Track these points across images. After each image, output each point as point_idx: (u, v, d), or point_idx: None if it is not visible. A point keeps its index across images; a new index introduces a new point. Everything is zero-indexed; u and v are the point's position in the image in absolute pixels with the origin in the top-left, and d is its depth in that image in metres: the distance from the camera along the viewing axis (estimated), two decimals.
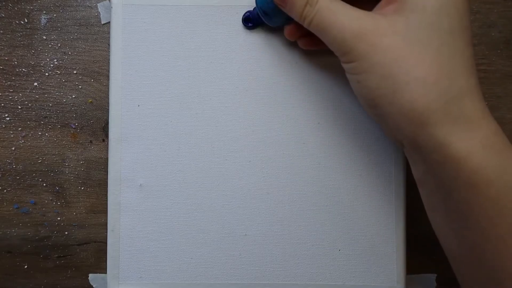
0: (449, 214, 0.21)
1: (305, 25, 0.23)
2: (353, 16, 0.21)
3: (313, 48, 0.28)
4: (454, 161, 0.19)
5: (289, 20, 0.27)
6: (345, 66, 0.22)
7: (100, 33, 0.32)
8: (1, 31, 0.32)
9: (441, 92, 0.19)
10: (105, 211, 0.31)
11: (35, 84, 0.31)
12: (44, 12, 0.32)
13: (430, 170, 0.21)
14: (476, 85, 0.20)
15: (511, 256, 0.19)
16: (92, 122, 0.32)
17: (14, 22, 0.32)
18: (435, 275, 0.32)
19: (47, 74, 0.31)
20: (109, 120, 0.30)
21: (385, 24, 0.20)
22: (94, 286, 0.32)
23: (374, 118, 0.23)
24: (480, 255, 0.20)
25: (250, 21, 0.30)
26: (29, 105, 0.31)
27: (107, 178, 0.31)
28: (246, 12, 0.30)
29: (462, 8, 0.20)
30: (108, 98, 0.31)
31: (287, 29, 0.28)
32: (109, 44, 0.31)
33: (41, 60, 0.32)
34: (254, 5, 0.29)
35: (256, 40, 0.30)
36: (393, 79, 0.19)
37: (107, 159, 0.31)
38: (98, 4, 0.32)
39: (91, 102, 0.32)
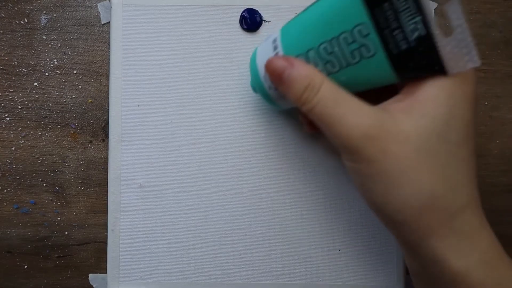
0: None
1: (303, 110, 0.21)
2: (361, 112, 0.19)
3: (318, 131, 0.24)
4: (452, 276, 0.19)
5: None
6: (348, 163, 0.21)
7: (100, 33, 0.32)
8: (1, 31, 0.32)
9: (447, 205, 0.19)
10: (105, 211, 0.31)
11: (35, 84, 0.31)
12: (44, 12, 0.32)
13: (426, 272, 0.21)
14: (477, 196, 0.20)
15: None
16: (92, 122, 0.32)
17: (14, 22, 0.32)
18: None
19: (47, 74, 0.31)
20: (109, 120, 0.30)
21: (395, 127, 0.19)
22: (94, 286, 0.32)
23: (375, 214, 0.22)
24: None
25: (246, 23, 0.30)
26: (29, 105, 0.31)
27: (107, 178, 0.31)
28: (242, 12, 0.30)
29: (468, 120, 0.19)
30: (108, 98, 0.31)
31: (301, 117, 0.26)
32: (109, 44, 0.31)
33: (41, 60, 0.31)
34: (254, 4, 0.29)
35: (256, 40, 0.30)
36: (400, 189, 0.19)
37: (107, 159, 0.31)
38: (98, 4, 0.32)
39: (91, 102, 0.32)
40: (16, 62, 0.31)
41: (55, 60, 0.31)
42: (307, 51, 0.22)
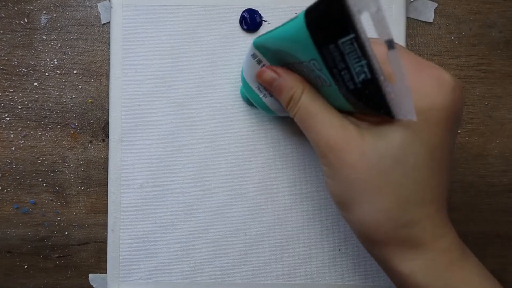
0: None
1: (291, 116, 0.24)
2: (328, 124, 0.22)
3: None
4: (399, 276, 0.21)
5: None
6: (320, 163, 0.23)
7: (100, 33, 0.32)
8: (1, 31, 0.32)
9: (392, 219, 0.20)
10: (105, 211, 0.31)
11: (35, 84, 0.31)
12: (44, 12, 0.32)
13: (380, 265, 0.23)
14: (436, 211, 0.21)
15: None
16: (92, 122, 0.32)
17: (14, 22, 0.32)
18: None
19: (47, 74, 0.31)
20: (109, 120, 0.30)
21: (355, 141, 0.21)
22: (94, 286, 0.32)
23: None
24: None
25: (246, 24, 0.30)
26: (29, 105, 0.31)
27: (107, 178, 0.31)
28: (242, 13, 0.30)
29: (433, 145, 0.20)
30: (108, 98, 0.31)
31: None
32: (109, 44, 0.31)
33: (41, 60, 0.31)
34: (254, 4, 0.29)
35: None
36: (352, 195, 0.21)
37: (107, 159, 0.31)
38: (98, 4, 0.32)
39: (91, 102, 0.32)
40: (16, 62, 0.31)
41: (55, 60, 0.31)
42: (287, 64, 0.24)
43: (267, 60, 0.25)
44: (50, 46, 0.32)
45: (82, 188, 0.32)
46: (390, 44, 0.17)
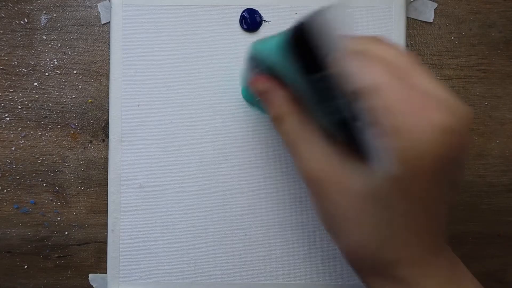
0: None
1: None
2: (309, 155, 0.21)
3: None
4: None
5: None
6: None
7: (100, 33, 0.32)
8: (1, 31, 0.32)
9: (371, 255, 0.20)
10: (105, 211, 0.31)
11: (35, 84, 0.31)
12: (44, 12, 0.32)
13: None
14: (420, 254, 0.19)
15: None
16: (92, 122, 0.32)
17: (14, 22, 0.32)
18: None
19: (47, 74, 0.31)
20: (109, 120, 0.30)
21: (335, 175, 0.20)
22: (94, 286, 0.32)
23: None
24: None
25: (246, 23, 0.30)
26: (29, 105, 0.31)
27: (107, 178, 0.31)
28: (242, 12, 0.30)
29: (421, 194, 0.18)
30: (108, 98, 0.31)
31: None
32: (109, 44, 0.31)
33: (41, 60, 0.31)
34: (254, 4, 0.29)
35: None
36: (333, 224, 0.21)
37: (107, 159, 0.31)
38: (98, 4, 0.32)
39: (91, 102, 0.32)
40: (16, 62, 0.31)
41: (55, 60, 0.31)
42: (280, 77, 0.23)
43: (263, 67, 0.24)
44: (50, 46, 0.32)
45: (82, 188, 0.32)
46: (355, 95, 0.15)
